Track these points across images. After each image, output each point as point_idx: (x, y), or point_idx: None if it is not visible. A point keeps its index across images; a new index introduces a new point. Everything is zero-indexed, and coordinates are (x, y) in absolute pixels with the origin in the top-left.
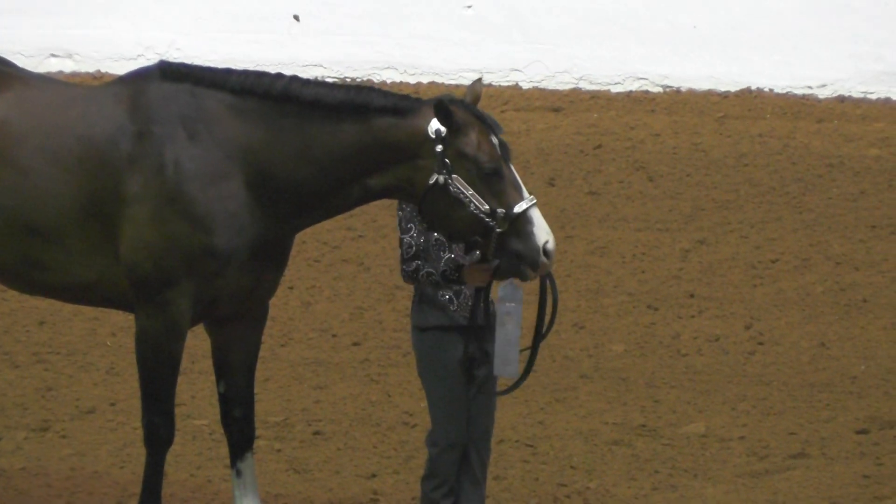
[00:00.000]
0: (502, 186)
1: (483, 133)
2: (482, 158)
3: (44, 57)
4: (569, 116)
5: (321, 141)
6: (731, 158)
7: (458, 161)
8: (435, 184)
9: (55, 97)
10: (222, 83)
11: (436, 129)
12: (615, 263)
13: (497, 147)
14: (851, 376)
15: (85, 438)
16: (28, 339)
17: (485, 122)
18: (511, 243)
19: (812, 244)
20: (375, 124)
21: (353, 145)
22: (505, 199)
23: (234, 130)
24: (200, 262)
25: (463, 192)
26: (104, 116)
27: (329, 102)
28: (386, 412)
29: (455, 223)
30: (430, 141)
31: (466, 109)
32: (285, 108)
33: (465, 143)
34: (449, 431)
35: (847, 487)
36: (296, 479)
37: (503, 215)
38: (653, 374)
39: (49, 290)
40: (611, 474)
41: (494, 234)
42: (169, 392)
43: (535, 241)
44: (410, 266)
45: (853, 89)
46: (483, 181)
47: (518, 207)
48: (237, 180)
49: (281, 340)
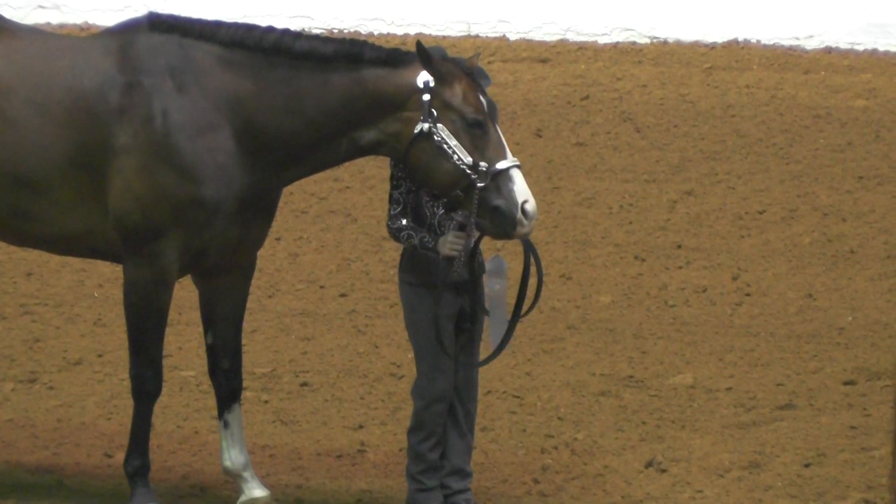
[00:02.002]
0: (486, 142)
1: (470, 87)
2: (467, 110)
3: (31, 9)
4: (556, 67)
5: (310, 93)
6: (718, 109)
7: (444, 112)
8: (420, 132)
9: (43, 48)
10: (212, 35)
11: (424, 80)
12: (602, 214)
13: (484, 104)
14: (838, 327)
15: (72, 390)
16: (15, 291)
17: (473, 79)
18: (491, 199)
19: (799, 195)
20: (365, 75)
21: (342, 97)
22: (488, 154)
23: (222, 82)
24: (189, 213)
25: (447, 142)
26: (93, 67)
27: (320, 54)
28: (373, 363)
29: (438, 175)
30: (417, 91)
31: (456, 64)
32: (275, 60)
33: (451, 94)
34: (436, 384)
35: (834, 438)
36: (283, 431)
37: (485, 170)
38: (640, 325)
39: (37, 241)
40: (598, 425)
41: (476, 189)
42: (157, 343)
43: (515, 197)
44: (395, 223)
45: (840, 40)
46: (467, 133)
47: (501, 164)
48: (226, 132)
49: (268, 292)
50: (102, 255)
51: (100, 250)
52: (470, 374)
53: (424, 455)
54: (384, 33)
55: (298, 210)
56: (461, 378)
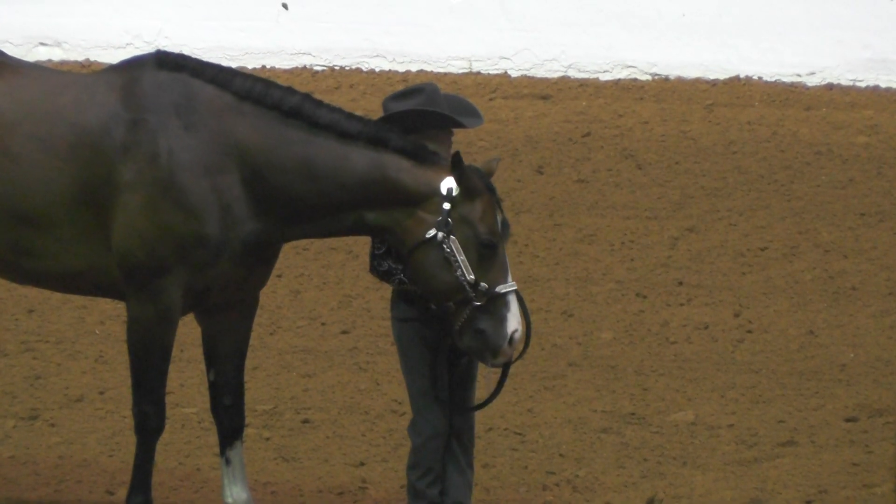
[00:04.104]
0: (492, 263)
1: (490, 206)
2: (482, 229)
3: (32, 45)
4: (557, 104)
5: (326, 163)
6: (720, 146)
7: (460, 225)
8: (432, 238)
9: (46, 84)
10: (225, 83)
11: (448, 187)
12: (604, 251)
13: (499, 224)
14: (840, 364)
15: (74, 427)
16: (17, 328)
17: (494, 196)
18: (480, 321)
19: (800, 232)
20: (387, 162)
21: (359, 174)
22: (491, 275)
23: (232, 127)
24: (192, 252)
25: (455, 256)
26: (97, 104)
27: (343, 129)
28: (374, 400)
29: (436, 284)
30: (439, 196)
31: (481, 179)
32: (292, 121)
33: (471, 209)
34: (432, 420)
35: (836, 475)
36: (284, 468)
37: (484, 290)
38: (641, 361)
39: (39, 278)
40: (599, 462)
41: (469, 306)
42: (160, 380)
43: (506, 327)
44: (382, 265)
45: (841, 77)
46: (476, 251)
47: (501, 288)
48: (232, 175)
49: (269, 329)
50: (105, 293)
51: (103, 287)
52: (466, 410)
53: (423, 491)
54: (385, 70)
55: (300, 247)
56: (457, 414)
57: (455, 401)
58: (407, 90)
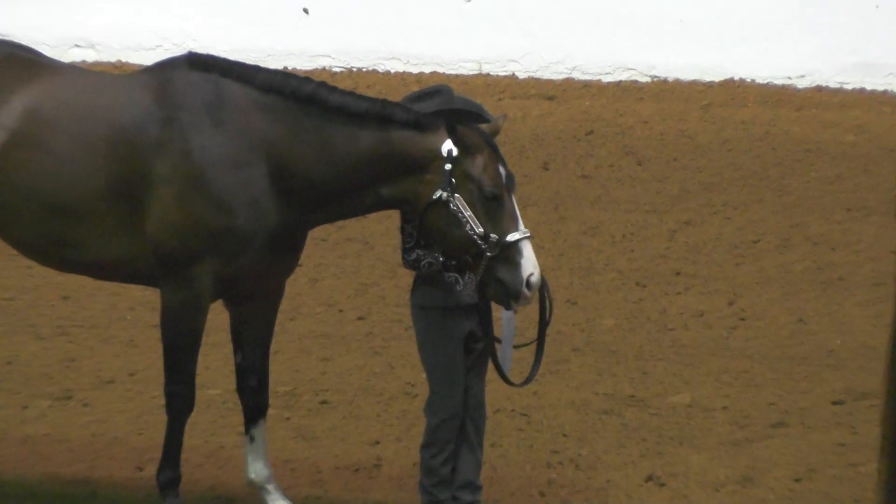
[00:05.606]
0: (500, 213)
1: (491, 160)
2: (486, 182)
3: (67, 47)
4: (562, 104)
5: (340, 145)
6: (716, 144)
7: (463, 181)
8: (438, 199)
9: (85, 85)
10: (250, 79)
11: (448, 148)
12: (606, 243)
13: (503, 176)
14: (828, 350)
15: (105, 407)
16: (52, 313)
17: (494, 150)
18: (498, 270)
19: (792, 225)
20: (394, 136)
21: (369, 153)
22: (501, 226)
23: (258, 123)
24: (222, 242)
25: (462, 212)
26: (133, 103)
27: (352, 110)
28: (388, 383)
29: (450, 241)
30: (440, 158)
31: (481, 136)
32: (308, 109)
33: (472, 165)
34: (448, 402)
35: (824, 455)
36: (303, 446)
37: (496, 241)
38: (641, 347)
39: (79, 267)
40: (601, 442)
41: (485, 258)
42: (191, 363)
43: (521, 272)
44: (411, 255)
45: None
46: (483, 205)
47: (511, 236)
48: (259, 169)
49: (290, 315)
50: (141, 280)
51: (139, 275)
52: (479, 392)
53: (437, 469)
54: (400, 71)
55: (318, 238)
56: (471, 396)
57: (470, 383)
58: (424, 91)
